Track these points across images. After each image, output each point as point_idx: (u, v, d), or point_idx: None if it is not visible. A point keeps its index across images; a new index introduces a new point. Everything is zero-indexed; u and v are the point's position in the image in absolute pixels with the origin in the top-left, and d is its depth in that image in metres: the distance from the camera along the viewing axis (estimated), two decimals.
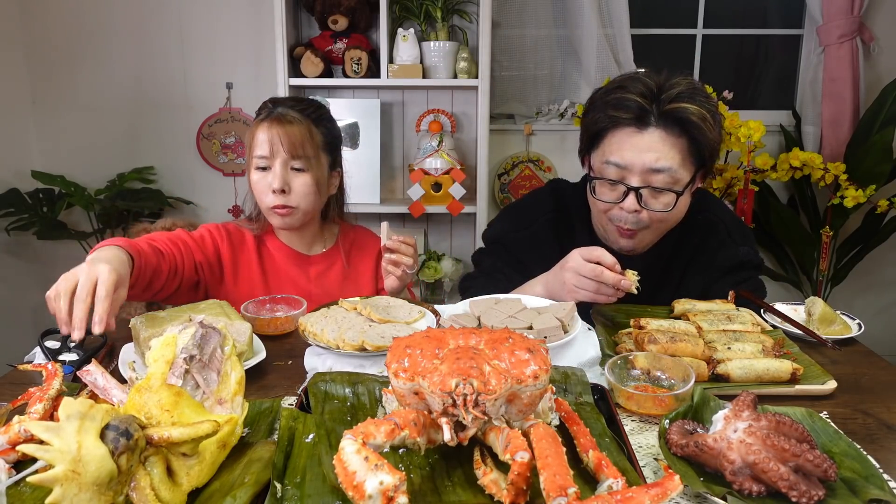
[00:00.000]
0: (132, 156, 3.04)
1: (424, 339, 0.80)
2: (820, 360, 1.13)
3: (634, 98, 1.30)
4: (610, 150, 1.33)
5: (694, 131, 1.29)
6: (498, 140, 3.01)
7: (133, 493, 0.67)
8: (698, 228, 1.47)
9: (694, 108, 1.28)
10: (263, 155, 1.46)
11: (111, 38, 2.96)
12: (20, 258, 3.06)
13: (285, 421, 0.82)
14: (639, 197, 1.31)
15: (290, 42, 2.65)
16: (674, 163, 1.29)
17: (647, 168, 1.29)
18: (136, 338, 1.11)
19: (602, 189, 1.36)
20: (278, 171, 1.45)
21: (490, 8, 2.56)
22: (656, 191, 1.31)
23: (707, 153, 1.32)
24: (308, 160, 1.46)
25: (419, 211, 2.71)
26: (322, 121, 1.52)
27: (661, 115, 1.29)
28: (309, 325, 1.13)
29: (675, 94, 1.29)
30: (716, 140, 1.32)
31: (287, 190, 1.46)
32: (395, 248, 1.43)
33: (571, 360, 1.08)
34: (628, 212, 1.32)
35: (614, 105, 1.32)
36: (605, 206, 1.36)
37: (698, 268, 1.47)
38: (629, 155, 1.30)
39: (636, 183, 1.30)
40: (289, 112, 1.47)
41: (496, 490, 0.69)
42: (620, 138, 1.31)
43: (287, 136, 1.43)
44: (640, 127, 1.30)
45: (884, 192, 2.85)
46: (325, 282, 1.60)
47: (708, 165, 1.36)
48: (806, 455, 0.74)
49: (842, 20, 2.82)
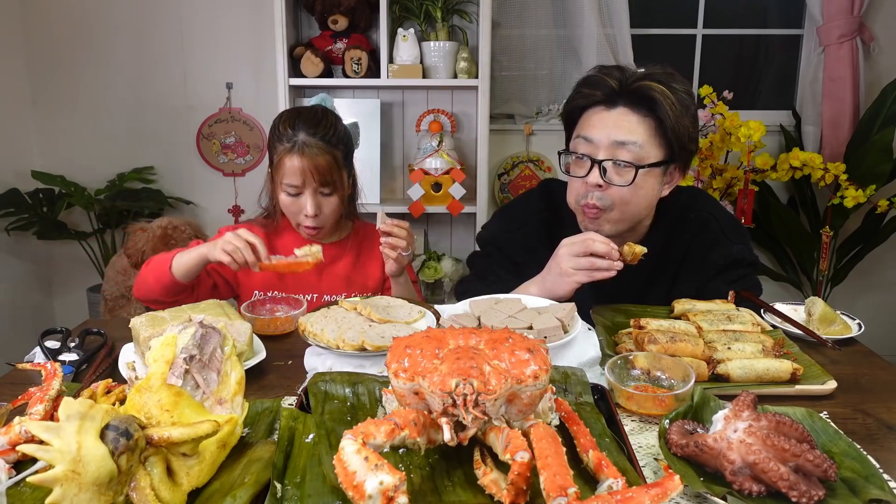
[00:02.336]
0: (132, 156, 3.05)
1: (424, 339, 0.80)
2: (820, 360, 1.13)
3: (605, 78, 1.36)
4: (581, 128, 1.38)
5: (658, 110, 1.32)
6: (498, 140, 3.01)
7: (133, 493, 0.66)
8: (691, 226, 1.47)
9: (658, 87, 1.32)
10: (294, 184, 1.54)
11: (111, 38, 2.96)
12: (20, 258, 3.06)
13: (285, 421, 0.82)
14: (602, 171, 1.33)
15: (290, 42, 2.65)
16: (639, 138, 1.32)
17: (612, 141, 1.33)
18: (136, 338, 1.11)
19: (573, 168, 1.40)
20: (310, 198, 1.55)
21: (490, 8, 2.56)
22: (620, 166, 1.33)
23: (674, 136, 1.33)
24: (335, 185, 1.57)
25: (419, 211, 2.71)
26: (340, 140, 1.60)
27: (628, 92, 1.34)
28: (309, 325, 1.13)
29: (645, 73, 1.35)
30: (685, 127, 1.34)
31: (319, 213, 1.57)
32: (389, 231, 1.49)
33: (571, 360, 1.08)
34: (592, 186, 1.34)
35: (589, 84, 1.39)
36: (578, 187, 1.38)
37: (692, 266, 1.47)
38: (597, 130, 1.34)
39: (602, 156, 1.34)
40: (312, 141, 1.53)
41: (496, 490, 0.69)
42: (591, 115, 1.37)
43: (317, 169, 1.52)
44: (609, 105, 1.35)
45: (884, 192, 2.85)
46: (335, 270, 1.67)
47: (679, 154, 1.37)
48: (806, 455, 0.74)
49: (842, 20, 2.83)
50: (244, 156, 3.07)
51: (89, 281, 3.05)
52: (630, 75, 1.36)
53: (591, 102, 1.38)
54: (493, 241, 1.57)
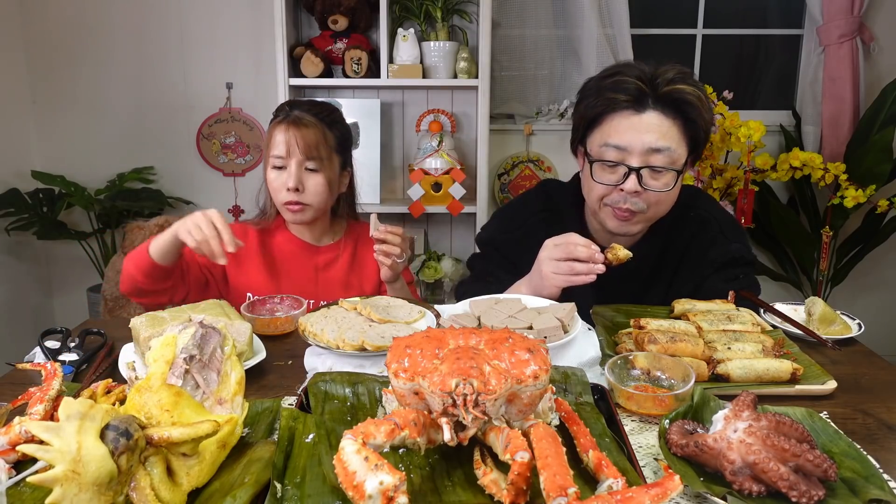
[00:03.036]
0: (132, 156, 3.05)
1: (424, 339, 0.80)
2: (820, 360, 1.13)
3: (633, 81, 1.32)
4: (608, 133, 1.34)
5: (691, 112, 1.32)
6: (498, 140, 3.01)
7: (133, 493, 0.66)
8: (689, 225, 1.48)
9: (690, 90, 1.32)
10: (280, 155, 1.54)
11: (111, 38, 2.96)
12: (20, 258, 3.06)
13: (285, 421, 0.82)
14: (639, 177, 1.32)
15: (290, 42, 2.65)
16: (672, 142, 1.32)
17: (646, 148, 1.31)
18: (136, 338, 1.10)
19: (601, 173, 1.37)
20: (293, 170, 1.53)
21: (490, 8, 2.56)
22: (656, 171, 1.33)
23: (701, 134, 1.35)
24: (321, 161, 1.55)
25: (419, 211, 2.71)
26: (336, 124, 1.60)
27: (658, 97, 1.32)
28: (309, 325, 1.13)
29: (669, 77, 1.32)
30: (709, 122, 1.36)
31: (301, 188, 1.54)
32: (382, 239, 1.47)
33: (571, 360, 1.08)
34: (629, 193, 1.33)
35: (612, 89, 1.34)
36: (604, 189, 1.36)
37: (690, 264, 1.47)
38: (629, 136, 1.32)
39: (636, 163, 1.32)
40: (305, 115, 1.55)
41: (496, 490, 0.69)
42: (619, 121, 1.33)
43: (303, 138, 1.52)
44: (638, 109, 1.32)
45: (884, 192, 2.85)
46: (330, 273, 1.66)
47: (699, 149, 1.38)
48: (806, 455, 0.74)
49: (842, 20, 2.82)
50: (244, 156, 3.07)
51: (89, 281, 3.05)
52: (652, 76, 1.33)
53: (617, 107, 1.34)
54: (492, 241, 1.57)
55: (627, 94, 1.32)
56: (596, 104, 1.36)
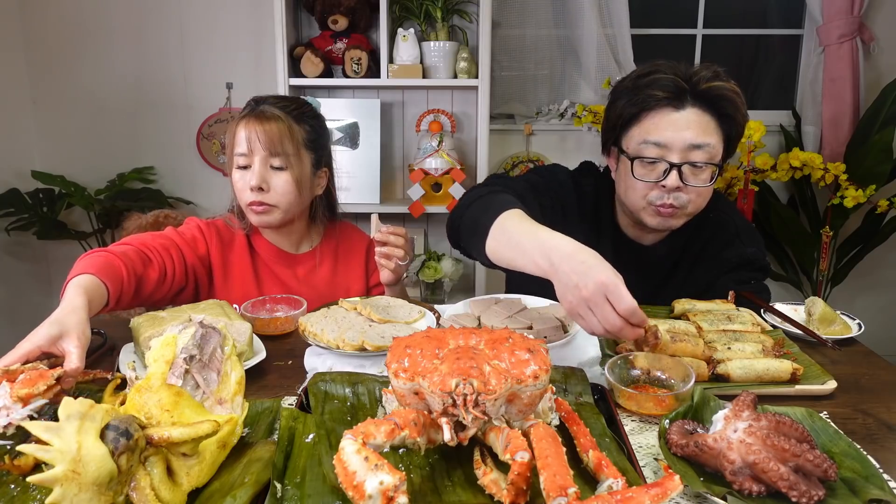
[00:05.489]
0: (132, 156, 3.05)
1: (424, 339, 0.80)
2: (820, 360, 1.13)
3: (671, 78, 1.33)
4: (647, 130, 1.35)
5: (729, 108, 1.34)
6: (498, 140, 3.01)
7: (133, 493, 0.66)
8: (709, 226, 1.49)
9: (729, 86, 1.34)
10: (242, 153, 1.43)
11: (111, 38, 2.96)
12: (20, 258, 3.06)
13: (285, 421, 0.82)
14: (680, 174, 1.33)
15: (290, 42, 2.65)
16: (711, 138, 1.33)
17: (687, 145, 1.32)
18: (136, 338, 1.11)
19: (640, 170, 1.37)
20: (257, 168, 1.42)
21: (490, 8, 2.56)
22: (696, 167, 1.33)
23: (737, 130, 1.37)
24: (287, 158, 1.43)
25: (419, 211, 2.71)
26: (304, 118, 1.48)
27: (696, 94, 1.33)
28: (309, 325, 1.13)
29: (707, 75, 1.34)
30: (745, 118, 1.38)
31: (266, 188, 1.43)
32: (384, 241, 1.42)
33: (571, 360, 1.07)
34: (670, 189, 1.33)
35: (649, 86, 1.35)
36: (646, 187, 1.36)
37: (704, 263, 1.49)
38: (669, 133, 1.32)
39: (676, 160, 1.32)
40: (269, 109, 1.43)
41: (496, 490, 0.69)
42: (658, 118, 1.34)
43: (265, 133, 1.40)
44: (677, 106, 1.33)
45: (884, 192, 2.85)
46: (313, 280, 1.58)
47: (733, 145, 1.40)
48: (806, 455, 0.74)
49: (842, 20, 2.82)
50: None
51: None
52: (691, 75, 1.34)
53: (656, 104, 1.34)
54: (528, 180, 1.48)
55: (666, 91, 1.33)
56: (633, 102, 1.36)
